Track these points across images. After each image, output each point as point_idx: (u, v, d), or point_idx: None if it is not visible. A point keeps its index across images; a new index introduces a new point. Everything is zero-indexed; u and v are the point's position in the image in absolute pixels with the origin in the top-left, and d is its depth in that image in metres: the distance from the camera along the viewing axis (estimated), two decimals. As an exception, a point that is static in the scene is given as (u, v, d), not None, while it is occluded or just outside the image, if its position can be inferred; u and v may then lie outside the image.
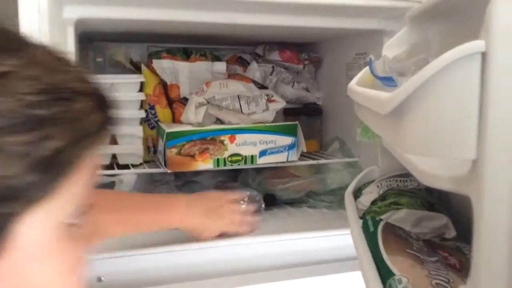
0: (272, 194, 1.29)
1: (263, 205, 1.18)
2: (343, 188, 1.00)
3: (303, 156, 1.28)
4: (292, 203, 1.32)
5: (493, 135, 0.39)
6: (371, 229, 0.59)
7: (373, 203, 0.71)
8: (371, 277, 0.52)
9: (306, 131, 1.26)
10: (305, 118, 1.37)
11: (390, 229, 0.59)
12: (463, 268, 0.51)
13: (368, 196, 0.73)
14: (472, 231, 0.41)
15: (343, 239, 0.99)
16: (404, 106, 0.46)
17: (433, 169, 0.49)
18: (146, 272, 0.99)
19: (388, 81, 0.52)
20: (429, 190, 0.71)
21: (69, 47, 0.96)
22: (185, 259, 1.01)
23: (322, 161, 1.29)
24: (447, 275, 0.49)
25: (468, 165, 0.42)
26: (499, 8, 0.38)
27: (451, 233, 0.65)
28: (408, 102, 0.45)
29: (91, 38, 1.37)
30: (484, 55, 0.39)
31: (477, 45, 0.40)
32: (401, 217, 0.64)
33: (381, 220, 0.61)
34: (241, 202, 1.14)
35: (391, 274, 0.50)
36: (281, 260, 1.07)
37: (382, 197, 0.70)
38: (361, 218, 0.69)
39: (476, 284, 0.41)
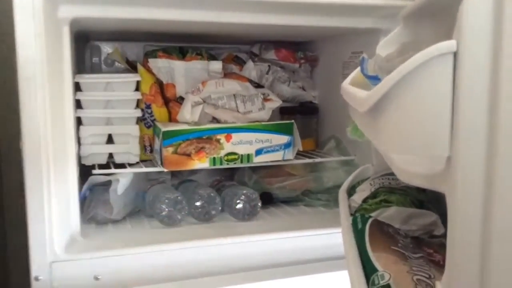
0: (268, 193, 1.30)
1: (259, 204, 1.19)
2: (339, 187, 1.00)
3: (299, 154, 1.28)
4: (289, 201, 1.32)
5: (465, 132, 0.40)
6: (360, 226, 0.59)
7: (365, 200, 0.71)
8: (354, 274, 0.53)
9: (302, 130, 1.26)
10: (301, 117, 1.38)
11: (378, 226, 0.59)
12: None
13: (361, 194, 0.74)
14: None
15: (339, 237, 0.99)
16: (380, 104, 0.46)
17: (413, 166, 0.50)
18: (143, 271, 0.99)
19: (375, 80, 0.53)
20: (420, 188, 0.71)
21: (64, 46, 0.96)
22: (181, 258, 1.02)
23: (318, 159, 1.30)
24: (429, 271, 0.50)
25: (444, 162, 0.43)
26: (469, 9, 0.39)
27: (440, 230, 0.65)
28: (383, 100, 0.46)
29: (87, 38, 1.38)
30: (456, 54, 0.40)
31: (449, 44, 0.40)
32: (390, 214, 0.64)
33: (370, 217, 0.61)
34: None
35: (375, 270, 0.51)
36: (277, 258, 1.08)
37: (373, 195, 0.71)
38: (352, 215, 0.70)
39: (450, 279, 0.41)
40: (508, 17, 0.38)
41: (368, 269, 0.52)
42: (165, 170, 1.14)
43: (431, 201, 0.69)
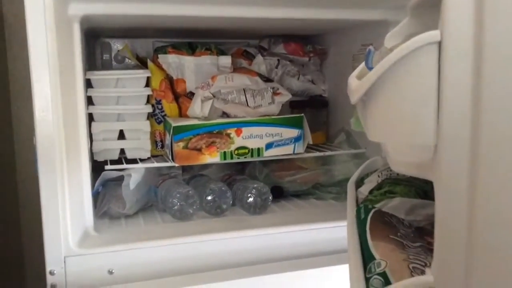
0: (279, 186, 1.30)
1: (270, 197, 1.19)
2: (350, 180, 1.01)
3: (309, 148, 1.28)
4: (299, 195, 1.33)
5: (450, 121, 0.40)
6: (362, 216, 0.60)
7: (371, 192, 0.71)
8: (353, 263, 0.54)
9: (312, 123, 1.26)
10: (311, 110, 1.38)
11: (380, 216, 0.59)
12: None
13: (368, 185, 0.74)
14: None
15: (349, 230, 1.00)
16: (368, 94, 0.47)
17: (402, 155, 0.50)
18: (155, 264, 1.00)
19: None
20: (426, 179, 0.71)
21: (75, 43, 0.97)
22: (193, 251, 1.03)
23: (329, 153, 1.30)
24: (425, 259, 0.50)
25: (432, 151, 0.43)
26: (450, 1, 0.40)
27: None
28: (372, 90, 0.47)
29: (97, 35, 1.39)
30: (440, 44, 0.41)
31: (433, 35, 0.41)
32: (395, 205, 0.65)
33: (373, 208, 0.61)
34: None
35: (373, 258, 0.52)
36: (288, 251, 1.08)
37: (378, 186, 0.71)
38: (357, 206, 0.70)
39: (438, 264, 0.42)
40: (488, 7, 0.38)
41: (367, 258, 0.53)
42: (176, 165, 1.15)
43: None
